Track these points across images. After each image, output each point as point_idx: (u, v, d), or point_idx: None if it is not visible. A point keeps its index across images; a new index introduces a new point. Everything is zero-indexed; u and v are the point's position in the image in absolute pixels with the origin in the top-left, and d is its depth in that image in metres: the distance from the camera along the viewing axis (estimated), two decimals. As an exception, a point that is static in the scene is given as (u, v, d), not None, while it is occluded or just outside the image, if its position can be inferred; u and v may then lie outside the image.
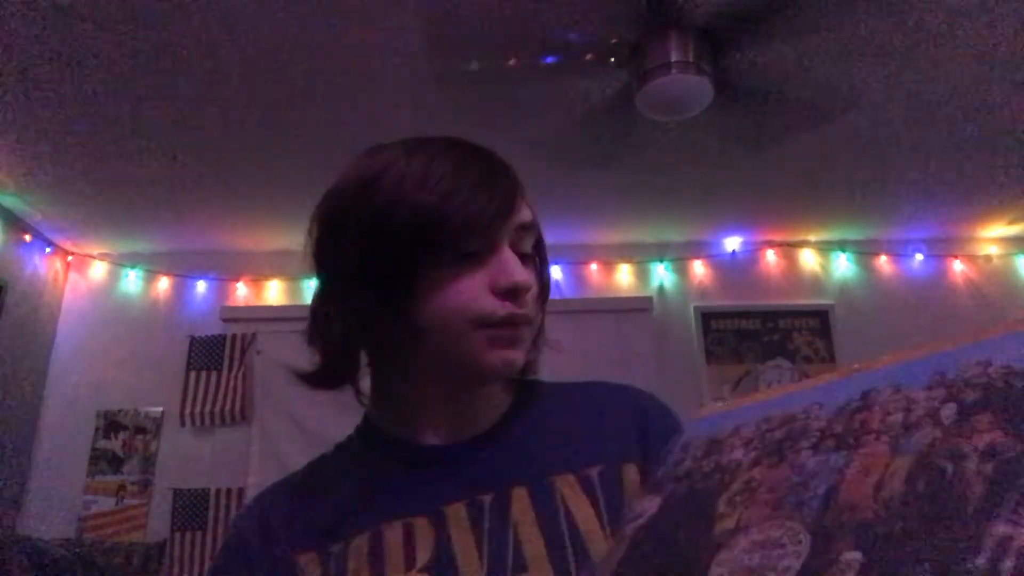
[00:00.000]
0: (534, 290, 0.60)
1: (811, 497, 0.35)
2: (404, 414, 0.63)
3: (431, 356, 0.58)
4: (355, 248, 0.56)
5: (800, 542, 0.32)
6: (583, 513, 0.56)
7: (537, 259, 0.62)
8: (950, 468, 0.31)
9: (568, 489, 0.57)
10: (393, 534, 0.56)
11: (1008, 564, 0.25)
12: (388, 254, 0.55)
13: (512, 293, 0.56)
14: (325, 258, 0.60)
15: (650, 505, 0.43)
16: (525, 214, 0.60)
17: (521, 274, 0.56)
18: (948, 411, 0.34)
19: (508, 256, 0.57)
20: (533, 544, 0.54)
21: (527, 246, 0.60)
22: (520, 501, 0.56)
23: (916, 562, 0.28)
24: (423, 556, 0.54)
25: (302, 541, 0.58)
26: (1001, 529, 0.27)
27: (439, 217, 0.54)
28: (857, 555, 0.29)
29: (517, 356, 0.57)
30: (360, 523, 0.57)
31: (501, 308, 0.56)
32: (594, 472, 0.59)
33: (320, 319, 0.60)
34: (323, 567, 0.56)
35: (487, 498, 0.57)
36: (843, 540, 0.31)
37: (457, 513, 0.56)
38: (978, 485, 0.29)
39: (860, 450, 0.35)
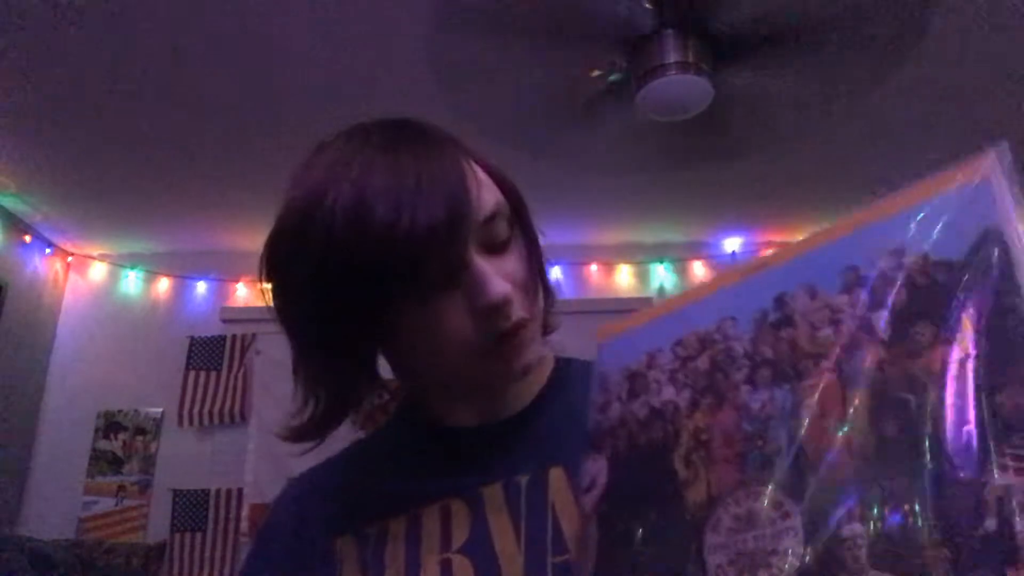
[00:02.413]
0: (522, 280, 0.53)
1: (775, 453, 0.32)
2: (435, 401, 0.62)
3: (436, 377, 0.57)
4: (310, 315, 0.51)
5: (788, 515, 0.30)
6: None
7: (517, 236, 0.54)
8: (913, 401, 0.28)
9: None
10: (430, 516, 0.55)
11: (1020, 525, 0.24)
12: (345, 315, 0.49)
13: (495, 311, 0.49)
14: (283, 322, 0.54)
15: (597, 469, 0.40)
16: (486, 201, 0.50)
17: (497, 289, 0.48)
18: (881, 320, 0.31)
19: (478, 270, 0.48)
20: (573, 525, 0.52)
21: (500, 233, 0.52)
22: (558, 482, 0.55)
23: (924, 533, 0.26)
24: (459, 537, 0.54)
25: (339, 524, 0.58)
26: (998, 480, 0.25)
27: (385, 256, 0.45)
28: (857, 528, 0.28)
29: (528, 358, 0.53)
30: (398, 506, 0.57)
31: (489, 330, 0.50)
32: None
33: (298, 381, 0.55)
34: (360, 549, 0.55)
35: (523, 479, 0.56)
36: (835, 510, 0.29)
37: (494, 494, 0.55)
38: (949, 422, 0.27)
39: (805, 382, 0.32)
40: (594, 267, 3.76)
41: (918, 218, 0.32)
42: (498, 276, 0.49)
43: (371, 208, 0.45)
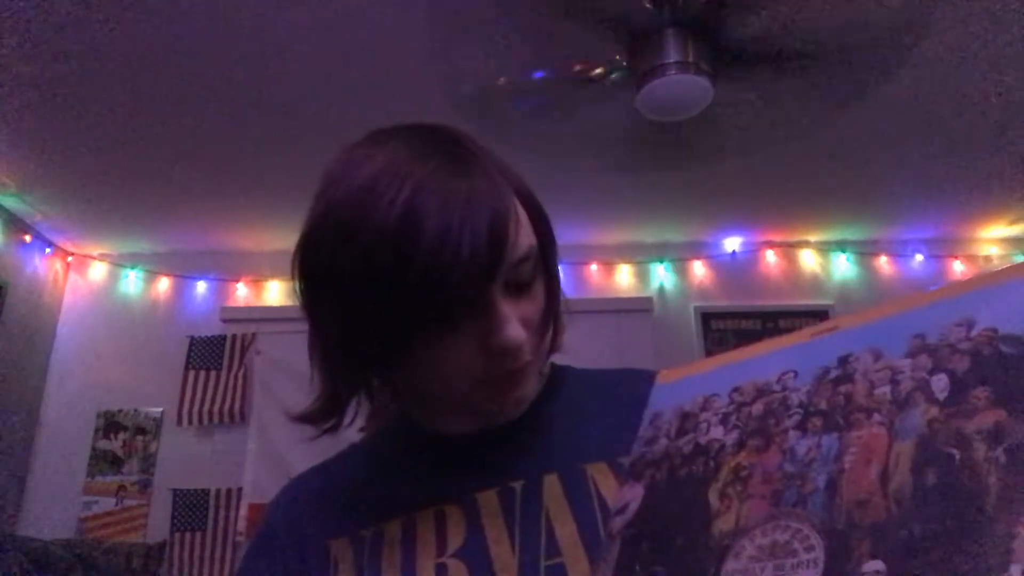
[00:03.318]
0: (536, 323, 0.55)
1: (813, 491, 0.33)
2: (431, 408, 0.62)
3: (432, 394, 0.58)
4: (335, 316, 0.52)
5: (812, 547, 0.30)
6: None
7: (539, 278, 0.55)
8: (958, 455, 0.29)
9: (600, 476, 0.56)
10: (425, 521, 0.56)
11: None
12: (370, 326, 0.50)
13: (506, 353, 0.51)
14: (308, 315, 0.55)
15: (632, 494, 0.41)
16: (521, 244, 0.51)
17: (513, 334, 0.50)
18: (940, 384, 0.32)
19: (498, 311, 0.50)
20: (566, 531, 0.53)
21: (525, 275, 0.53)
22: (552, 488, 0.56)
23: (945, 574, 0.26)
24: (455, 542, 0.54)
25: (334, 527, 0.58)
26: None
27: (419, 279, 0.46)
28: (879, 565, 0.28)
29: (524, 392, 0.56)
30: (392, 510, 0.57)
31: (496, 368, 0.52)
32: (627, 460, 0.58)
33: (313, 364, 0.56)
34: (355, 552, 0.56)
35: (518, 485, 0.56)
36: (859, 546, 0.29)
37: (488, 500, 0.56)
38: (992, 476, 0.28)
39: (853, 432, 0.33)
40: (594, 267, 3.76)
41: (992, 297, 0.33)
42: (516, 319, 0.51)
43: (420, 228, 0.46)
